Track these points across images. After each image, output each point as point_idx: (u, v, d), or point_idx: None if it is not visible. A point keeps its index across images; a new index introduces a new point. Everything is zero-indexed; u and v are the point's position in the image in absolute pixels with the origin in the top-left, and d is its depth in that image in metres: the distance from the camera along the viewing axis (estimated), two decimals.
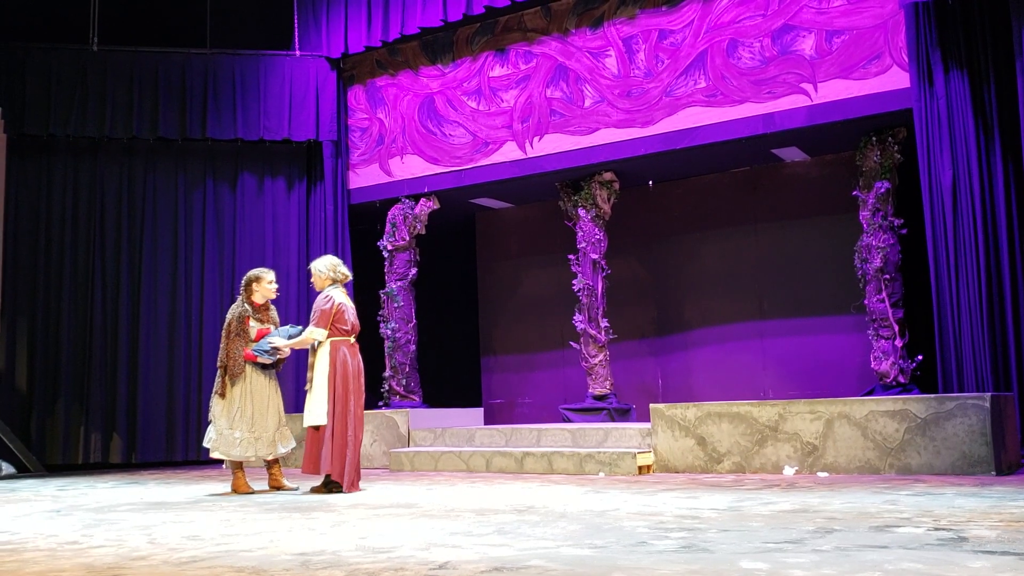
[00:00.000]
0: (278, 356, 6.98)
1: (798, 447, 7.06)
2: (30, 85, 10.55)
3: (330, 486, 6.62)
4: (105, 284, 10.76)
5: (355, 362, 6.73)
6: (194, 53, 11.05)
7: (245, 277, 7.18)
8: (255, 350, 6.90)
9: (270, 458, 7.04)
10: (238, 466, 6.93)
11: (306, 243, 11.24)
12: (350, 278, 7.03)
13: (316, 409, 6.58)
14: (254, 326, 7.00)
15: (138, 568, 3.52)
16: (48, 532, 4.75)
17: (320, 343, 6.66)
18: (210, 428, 6.92)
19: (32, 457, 10.02)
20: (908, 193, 8.53)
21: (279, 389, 7.16)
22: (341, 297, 6.79)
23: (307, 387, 6.69)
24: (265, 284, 7.09)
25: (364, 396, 6.80)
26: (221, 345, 6.98)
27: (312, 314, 6.73)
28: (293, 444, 7.20)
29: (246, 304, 7.07)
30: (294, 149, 11.33)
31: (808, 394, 9.33)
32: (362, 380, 6.77)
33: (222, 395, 6.89)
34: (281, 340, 6.94)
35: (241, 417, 6.85)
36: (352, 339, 6.78)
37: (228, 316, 7.04)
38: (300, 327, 7.09)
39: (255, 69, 11.13)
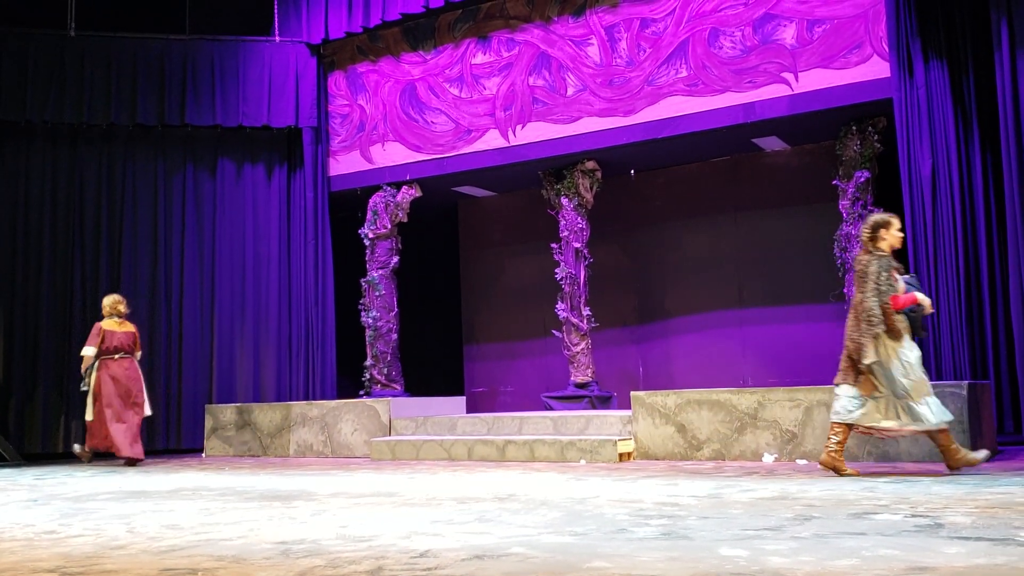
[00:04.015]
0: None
1: (777, 435, 7.10)
2: (7, 71, 10.44)
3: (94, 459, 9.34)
4: (84, 271, 10.69)
5: (118, 371, 9.02)
6: (173, 39, 10.96)
7: (871, 222, 5.85)
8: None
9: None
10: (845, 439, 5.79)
11: (287, 230, 11.19)
12: (125, 312, 9.26)
13: (88, 407, 9.09)
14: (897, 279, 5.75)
15: (117, 557, 3.51)
16: (25, 522, 4.72)
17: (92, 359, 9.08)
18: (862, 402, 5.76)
19: (9, 446, 9.95)
20: (888, 182, 8.58)
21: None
22: (109, 325, 9.10)
23: (85, 389, 9.11)
24: (895, 231, 5.80)
25: (136, 394, 9.12)
26: (867, 305, 5.65)
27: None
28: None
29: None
30: (274, 135, 11.27)
31: (787, 382, 9.36)
32: (128, 384, 9.07)
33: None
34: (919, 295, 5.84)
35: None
36: (118, 356, 9.07)
37: (868, 268, 5.71)
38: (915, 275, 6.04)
39: (234, 55, 11.04)
